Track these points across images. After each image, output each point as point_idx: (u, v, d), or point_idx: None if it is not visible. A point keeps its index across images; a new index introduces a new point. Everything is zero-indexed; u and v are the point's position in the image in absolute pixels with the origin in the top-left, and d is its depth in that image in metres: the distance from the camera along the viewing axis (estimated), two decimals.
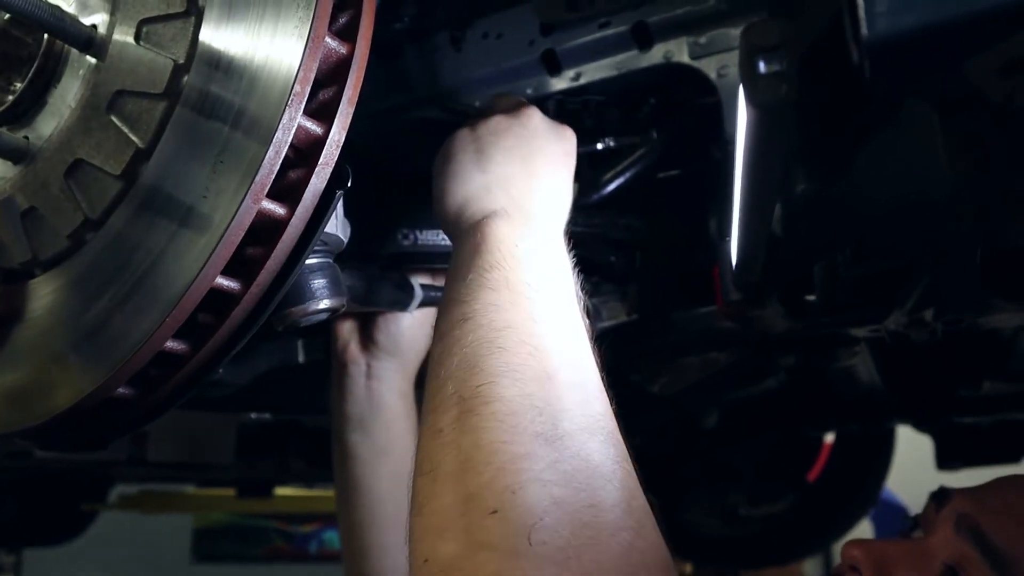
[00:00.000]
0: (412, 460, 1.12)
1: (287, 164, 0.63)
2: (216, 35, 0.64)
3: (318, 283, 0.77)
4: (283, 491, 3.77)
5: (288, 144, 0.61)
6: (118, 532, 4.30)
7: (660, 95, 1.07)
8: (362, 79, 0.66)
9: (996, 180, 0.78)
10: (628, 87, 1.03)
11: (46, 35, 0.68)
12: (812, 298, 1.04)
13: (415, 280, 1.04)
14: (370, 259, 1.01)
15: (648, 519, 0.60)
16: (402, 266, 1.07)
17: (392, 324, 1.13)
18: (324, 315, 0.80)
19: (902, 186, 0.89)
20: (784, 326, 1.08)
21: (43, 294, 0.70)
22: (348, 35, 0.66)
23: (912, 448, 2.40)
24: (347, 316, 1.15)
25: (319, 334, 1.20)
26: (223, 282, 0.63)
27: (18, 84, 0.69)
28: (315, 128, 0.64)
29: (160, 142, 0.64)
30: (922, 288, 0.93)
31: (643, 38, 0.96)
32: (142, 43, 0.65)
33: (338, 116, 0.64)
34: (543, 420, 0.61)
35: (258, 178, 0.60)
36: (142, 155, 0.64)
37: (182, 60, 0.64)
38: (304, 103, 0.61)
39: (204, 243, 0.61)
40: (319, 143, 0.64)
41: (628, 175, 1.09)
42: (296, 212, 0.64)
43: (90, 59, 0.68)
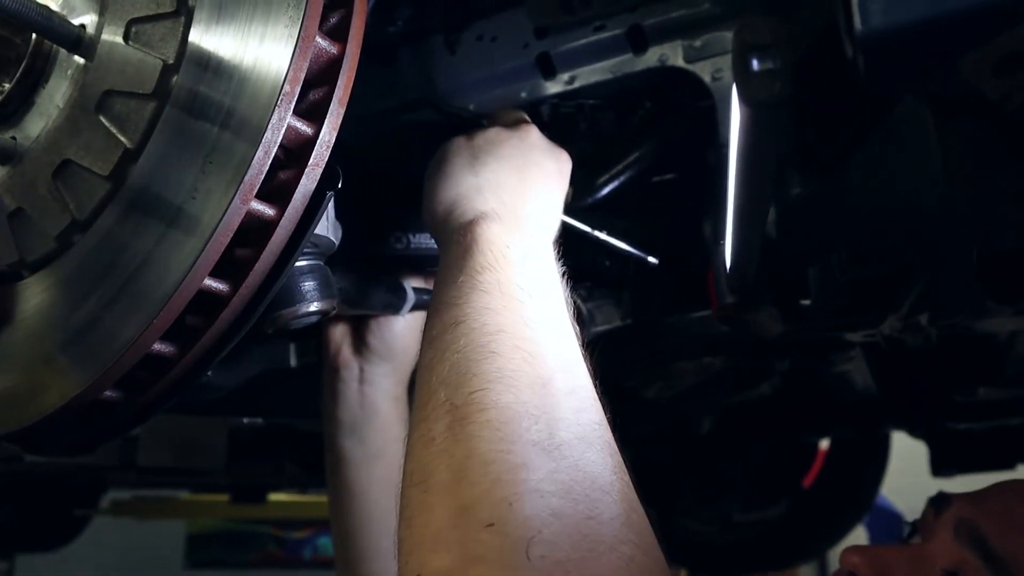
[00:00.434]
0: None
1: (277, 165, 0.63)
2: (206, 35, 0.63)
3: (308, 285, 0.77)
4: (277, 497, 3.76)
5: (278, 144, 0.60)
6: (111, 538, 4.28)
7: (655, 99, 1.06)
8: (353, 79, 0.65)
9: (992, 182, 0.78)
10: (623, 91, 1.03)
11: (34, 35, 0.68)
12: (807, 302, 1.04)
13: (407, 283, 1.03)
14: (362, 262, 1.01)
15: (647, 531, 0.58)
16: (394, 269, 1.07)
17: (384, 328, 1.12)
18: (314, 318, 0.79)
19: (897, 189, 0.88)
20: (779, 330, 1.08)
21: (30, 296, 0.69)
22: (339, 35, 0.65)
23: (907, 454, 2.40)
24: (339, 320, 1.14)
25: (311, 337, 1.20)
26: (211, 284, 0.62)
27: (6, 84, 0.69)
28: (305, 128, 0.63)
29: (149, 143, 0.63)
30: (917, 292, 0.93)
31: (638, 41, 0.96)
32: (131, 43, 0.64)
33: (328, 116, 0.64)
34: (539, 428, 0.59)
35: (247, 179, 0.59)
36: (130, 156, 0.63)
37: (171, 60, 0.63)
38: (294, 103, 0.61)
39: (193, 244, 0.60)
40: (309, 144, 0.63)
41: (623, 179, 1.08)
42: (286, 213, 0.63)
43: (78, 59, 0.67)
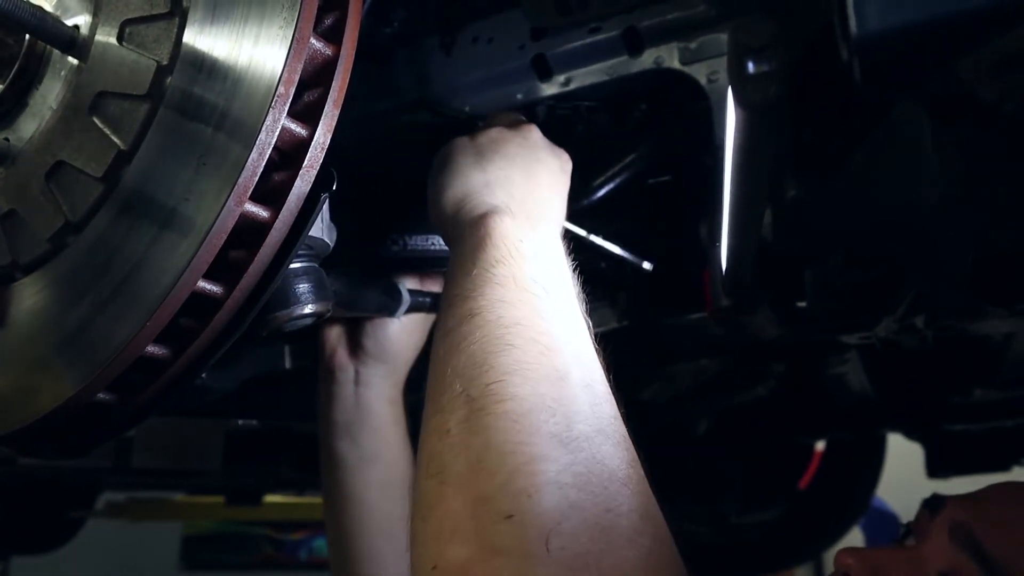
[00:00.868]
0: (400, 466, 1.12)
1: (271, 166, 0.62)
2: (200, 36, 0.63)
3: (303, 287, 0.76)
4: (272, 498, 3.75)
5: (272, 146, 0.60)
6: (106, 540, 4.26)
7: (651, 101, 1.06)
8: (348, 81, 0.65)
9: (987, 185, 0.78)
10: (618, 92, 1.03)
11: (27, 36, 0.67)
12: (803, 304, 1.04)
13: (403, 285, 1.03)
14: (358, 264, 1.00)
15: (663, 525, 0.58)
16: (390, 271, 1.07)
17: (380, 330, 1.12)
18: (309, 320, 0.79)
19: (893, 191, 0.88)
20: (775, 332, 1.08)
21: (24, 298, 0.68)
22: (334, 36, 0.65)
23: (903, 456, 2.40)
24: (334, 322, 1.14)
25: (306, 340, 1.19)
26: (205, 286, 0.62)
27: None
28: (299, 130, 0.63)
29: (143, 144, 0.63)
30: (913, 294, 0.93)
31: (634, 43, 0.96)
32: (125, 44, 0.64)
33: (323, 118, 0.63)
34: (556, 421, 0.59)
35: (241, 180, 0.59)
36: (124, 157, 0.63)
37: (165, 61, 0.63)
38: (288, 104, 0.60)
39: (186, 246, 0.60)
40: (303, 145, 0.63)
41: (618, 180, 1.08)
42: (280, 215, 0.63)
43: (72, 60, 0.67)
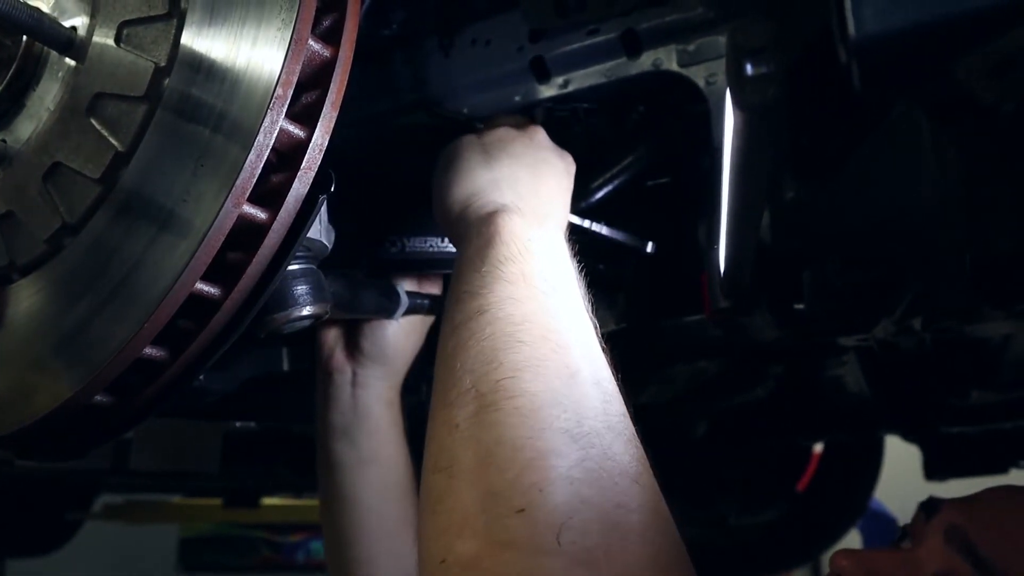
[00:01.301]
0: (398, 468, 1.12)
1: (269, 168, 0.62)
2: (198, 38, 0.63)
3: (301, 289, 0.76)
4: (270, 501, 3.75)
5: (270, 148, 0.60)
6: (103, 542, 4.25)
7: (649, 103, 1.06)
8: (346, 82, 0.65)
9: (986, 186, 0.78)
10: (617, 94, 1.03)
11: (25, 37, 0.67)
12: (801, 306, 1.04)
13: (401, 287, 1.03)
14: (356, 265, 1.01)
15: (671, 522, 0.58)
16: (388, 273, 1.07)
17: (378, 332, 1.12)
18: (307, 322, 0.79)
19: (891, 193, 0.88)
20: (773, 334, 1.08)
21: (20, 300, 0.68)
22: (332, 38, 0.65)
23: (900, 458, 2.40)
24: (332, 323, 1.14)
25: (305, 342, 1.19)
26: (203, 287, 0.62)
27: None
28: (298, 132, 0.63)
29: (140, 145, 0.63)
30: (911, 296, 0.93)
31: (632, 46, 0.96)
32: (122, 45, 0.64)
33: (321, 120, 0.63)
34: (567, 417, 0.59)
35: (239, 182, 0.59)
36: (122, 158, 0.63)
37: (163, 63, 0.63)
38: (286, 106, 0.60)
39: (184, 248, 0.60)
40: (302, 147, 0.63)
41: (617, 182, 1.08)
42: (278, 217, 0.63)
43: (69, 61, 0.67)
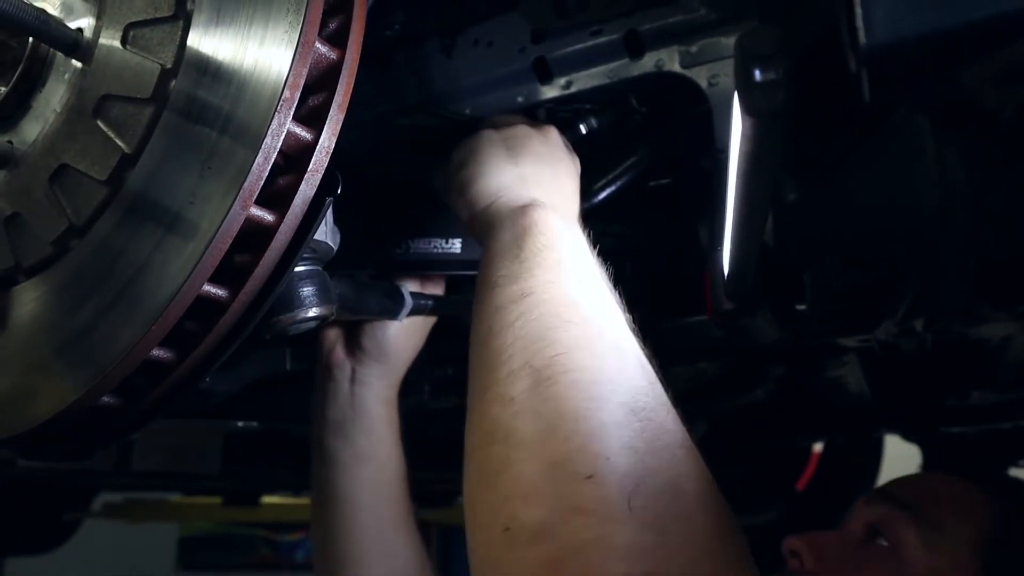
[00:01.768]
0: (392, 467, 1.12)
1: (276, 171, 0.62)
2: (204, 39, 0.63)
3: (307, 291, 0.77)
4: (269, 499, 3.75)
5: (277, 150, 0.60)
6: (102, 541, 4.25)
7: (651, 103, 1.06)
8: (352, 85, 0.65)
9: (989, 190, 0.78)
10: (619, 95, 1.03)
11: (31, 39, 0.67)
12: (802, 307, 1.04)
13: (405, 288, 1.03)
14: (361, 267, 1.01)
15: (720, 494, 0.60)
16: (393, 274, 1.07)
17: (380, 331, 1.12)
18: (313, 323, 0.79)
19: (893, 195, 0.89)
20: (774, 336, 1.08)
21: (26, 301, 0.68)
22: (338, 40, 0.65)
23: (900, 458, 2.41)
24: (335, 322, 1.14)
25: (308, 342, 1.19)
26: (210, 289, 0.62)
27: (2, 88, 0.68)
28: (304, 134, 0.63)
29: (147, 147, 0.63)
30: (912, 298, 0.94)
31: (634, 47, 0.96)
32: (129, 47, 0.64)
33: (328, 122, 0.63)
34: (623, 392, 0.60)
35: (246, 185, 0.59)
36: (128, 160, 0.63)
37: (169, 65, 0.63)
38: (293, 109, 0.61)
39: (191, 250, 0.60)
40: (308, 149, 0.63)
41: (619, 183, 1.08)
42: (285, 219, 0.63)
43: (76, 63, 0.67)
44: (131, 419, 0.69)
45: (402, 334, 1.14)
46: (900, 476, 1.14)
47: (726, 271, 0.92)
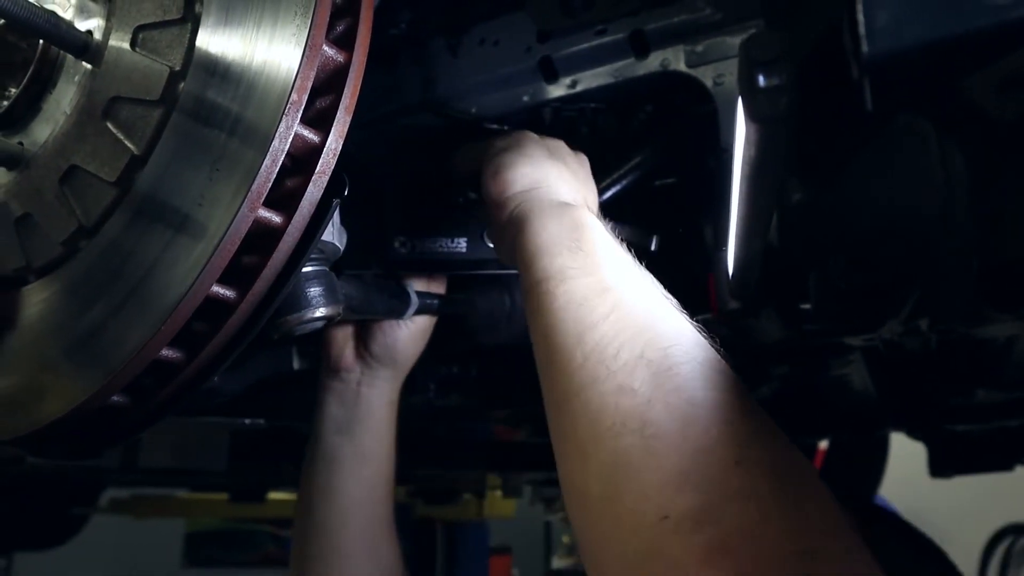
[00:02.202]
0: (388, 467, 1.13)
1: (284, 172, 0.63)
2: (213, 42, 0.63)
3: (314, 291, 0.77)
4: (275, 495, 3.76)
5: (285, 152, 0.61)
6: (109, 536, 4.28)
7: (656, 103, 1.07)
8: (359, 87, 0.65)
9: (992, 191, 0.78)
10: (625, 95, 1.03)
11: (41, 41, 0.68)
12: (807, 306, 1.04)
13: (411, 288, 1.04)
14: (367, 267, 1.01)
15: None
16: (398, 273, 1.07)
17: (388, 334, 1.13)
18: (320, 323, 0.79)
19: (897, 196, 0.89)
20: (779, 335, 1.08)
21: (36, 301, 0.69)
22: (346, 43, 0.65)
23: (906, 456, 2.41)
24: (343, 323, 1.15)
25: (314, 342, 1.20)
26: (219, 290, 0.63)
27: (13, 89, 0.69)
28: (312, 136, 0.63)
29: (156, 149, 0.63)
30: (917, 297, 0.94)
31: (640, 46, 0.96)
32: (138, 49, 0.65)
33: (335, 124, 0.64)
34: (733, 381, 0.62)
35: (254, 186, 0.60)
36: (137, 162, 0.64)
37: (178, 67, 0.64)
38: (301, 111, 0.61)
39: (200, 251, 0.60)
40: (316, 151, 0.63)
41: (624, 182, 1.09)
42: (293, 221, 0.63)
43: (86, 65, 0.67)
44: (140, 418, 0.69)
45: (409, 337, 1.15)
46: None
47: (731, 271, 0.92)
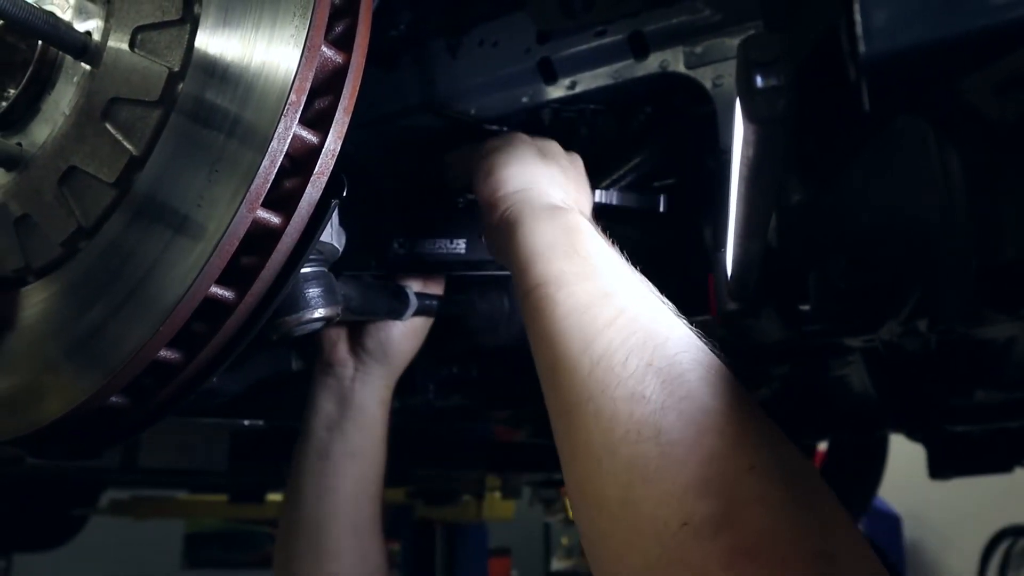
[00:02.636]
0: (378, 466, 1.13)
1: (283, 173, 0.63)
2: (212, 43, 0.63)
3: (313, 292, 0.77)
4: (275, 496, 3.76)
5: (284, 153, 0.61)
6: (109, 537, 4.28)
7: (656, 104, 1.07)
8: (358, 88, 0.66)
9: (991, 193, 0.78)
10: (624, 96, 1.03)
11: (40, 42, 0.68)
12: (806, 307, 1.04)
13: (409, 288, 1.04)
14: (365, 267, 1.01)
15: None
16: (396, 274, 1.07)
17: (383, 332, 1.13)
18: (319, 324, 0.79)
19: (896, 197, 0.89)
20: (778, 336, 1.08)
21: (36, 302, 0.69)
22: (344, 44, 0.65)
23: (905, 457, 2.41)
24: (339, 321, 1.15)
25: (312, 342, 1.20)
26: (218, 291, 0.63)
27: (12, 90, 0.69)
28: (311, 137, 0.63)
29: (155, 150, 0.63)
30: (916, 298, 0.94)
31: (639, 47, 0.96)
32: (137, 50, 0.65)
33: (334, 125, 0.64)
34: (735, 385, 0.62)
35: (253, 187, 0.60)
36: (136, 163, 0.64)
37: (177, 68, 0.64)
38: (300, 112, 0.61)
39: (199, 252, 0.60)
40: (315, 152, 0.63)
41: (623, 183, 1.09)
42: (291, 222, 0.63)
43: (84, 66, 0.67)
44: (139, 419, 0.69)
45: (403, 336, 1.15)
46: None
47: (730, 271, 0.92)
